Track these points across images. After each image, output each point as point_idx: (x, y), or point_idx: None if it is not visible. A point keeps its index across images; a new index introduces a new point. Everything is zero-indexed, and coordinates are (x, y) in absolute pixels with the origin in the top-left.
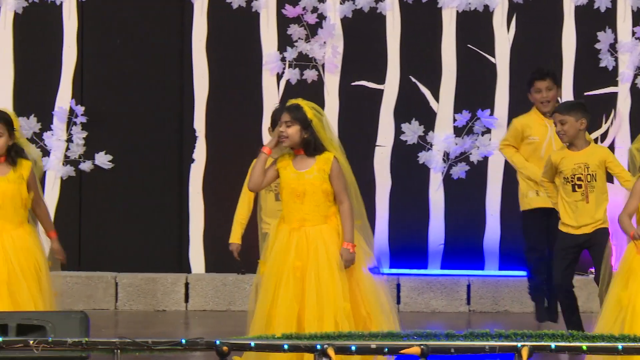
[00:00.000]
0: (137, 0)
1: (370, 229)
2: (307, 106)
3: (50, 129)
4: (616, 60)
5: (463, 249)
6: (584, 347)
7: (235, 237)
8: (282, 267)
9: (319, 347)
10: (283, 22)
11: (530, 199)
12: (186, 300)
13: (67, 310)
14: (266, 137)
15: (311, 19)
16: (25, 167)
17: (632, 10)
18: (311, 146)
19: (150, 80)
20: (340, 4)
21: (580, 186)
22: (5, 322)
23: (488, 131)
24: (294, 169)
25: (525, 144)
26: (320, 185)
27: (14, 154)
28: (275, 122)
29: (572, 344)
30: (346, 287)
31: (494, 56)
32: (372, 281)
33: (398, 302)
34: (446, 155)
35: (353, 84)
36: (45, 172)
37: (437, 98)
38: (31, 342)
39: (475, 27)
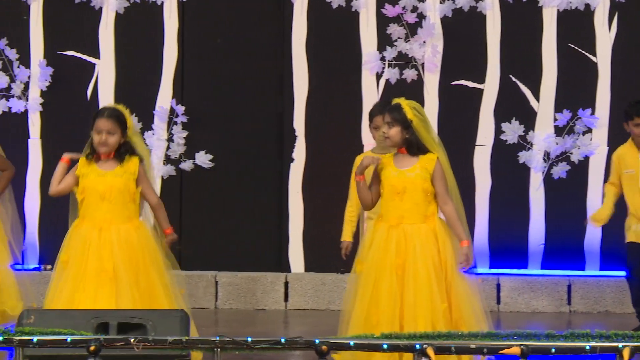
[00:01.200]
0: (238, 0)
1: (468, 230)
2: (408, 106)
3: (151, 129)
4: None
5: (564, 249)
6: None
7: (346, 235)
8: (381, 264)
9: (418, 346)
10: (383, 22)
11: (633, 231)
12: (285, 299)
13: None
14: (366, 136)
15: (411, 18)
16: (133, 162)
17: None
18: (414, 146)
19: (250, 80)
20: (440, 3)
21: None
22: (107, 320)
23: (589, 131)
24: (394, 167)
25: (624, 176)
26: (422, 184)
27: (123, 151)
28: (371, 118)
29: None
30: (442, 288)
31: (595, 55)
32: (466, 283)
33: (498, 302)
34: (547, 154)
35: (453, 83)
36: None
37: (537, 97)
38: (132, 340)
39: (576, 26)
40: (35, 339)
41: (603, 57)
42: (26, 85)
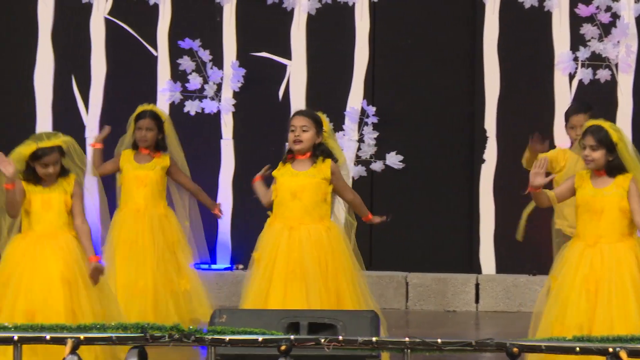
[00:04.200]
0: (429, 1)
1: None
2: (611, 129)
3: (342, 129)
4: None
5: None
6: None
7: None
8: (573, 281)
9: (611, 349)
10: (576, 22)
11: None
12: (476, 300)
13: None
14: (558, 137)
15: (604, 18)
16: (326, 165)
17: None
18: (615, 168)
19: (441, 81)
20: (635, 2)
21: None
22: (297, 320)
23: None
24: (592, 186)
25: None
26: (618, 203)
27: (319, 153)
28: (567, 118)
29: None
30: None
31: None
32: None
33: None
34: None
35: None
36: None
37: None
38: (322, 340)
39: None
40: (227, 338)
41: None
42: (219, 87)
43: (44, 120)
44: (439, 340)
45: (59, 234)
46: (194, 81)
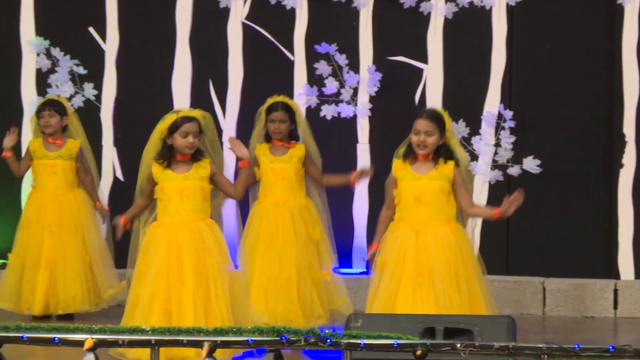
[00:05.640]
0: (567, 5)
1: None
2: None
3: (479, 134)
4: None
5: None
6: None
7: None
8: None
9: None
10: None
11: None
12: (615, 306)
13: (494, 315)
14: None
15: None
16: (449, 167)
17: None
18: None
19: (578, 84)
20: None
21: None
22: (433, 325)
23: None
24: None
25: None
26: None
27: (443, 152)
28: None
29: None
30: None
31: None
32: None
33: None
34: None
35: None
36: (474, 176)
37: None
38: (458, 345)
39: None
40: (363, 342)
41: None
42: (355, 91)
43: None
44: (577, 346)
45: (193, 222)
46: (331, 85)
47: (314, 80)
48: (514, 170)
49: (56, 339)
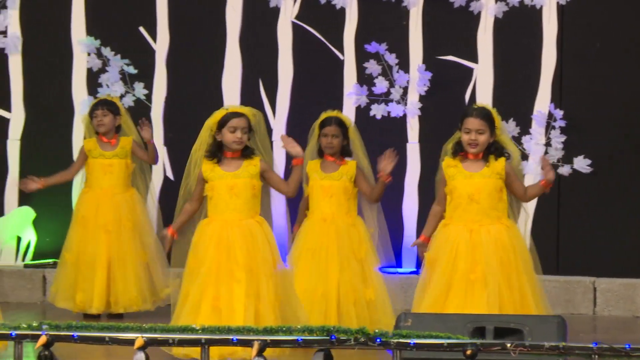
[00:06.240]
0: (618, 4)
1: None
2: None
3: (529, 133)
4: None
5: None
6: None
7: None
8: None
9: None
10: None
11: None
12: None
13: (544, 315)
14: None
15: None
16: (500, 163)
17: None
18: None
19: (629, 84)
20: None
21: None
22: (483, 325)
23: None
24: None
25: None
26: None
27: (493, 150)
28: None
29: None
30: None
31: None
32: None
33: None
34: None
35: None
36: (524, 175)
37: None
38: (508, 345)
39: None
40: (413, 342)
41: None
42: (405, 90)
43: None
44: (628, 346)
45: (243, 220)
46: (381, 85)
47: (364, 79)
48: (564, 170)
49: (107, 338)
